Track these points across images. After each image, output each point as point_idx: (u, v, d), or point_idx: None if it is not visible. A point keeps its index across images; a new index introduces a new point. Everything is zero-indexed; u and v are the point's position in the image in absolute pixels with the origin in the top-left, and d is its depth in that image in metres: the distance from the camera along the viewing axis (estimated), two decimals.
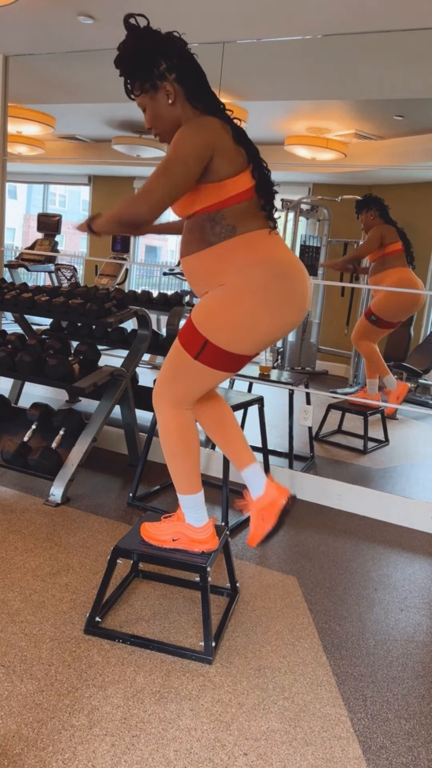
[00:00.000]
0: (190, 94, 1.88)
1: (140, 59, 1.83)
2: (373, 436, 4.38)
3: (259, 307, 1.85)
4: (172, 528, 2.12)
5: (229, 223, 1.86)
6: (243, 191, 1.85)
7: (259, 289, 1.84)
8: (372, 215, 4.12)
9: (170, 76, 1.85)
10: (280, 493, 2.12)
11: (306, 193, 5.28)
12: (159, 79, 1.85)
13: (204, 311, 1.89)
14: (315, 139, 4.49)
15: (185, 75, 1.86)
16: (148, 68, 1.84)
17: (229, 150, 1.82)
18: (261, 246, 1.87)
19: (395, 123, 4.29)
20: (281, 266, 1.87)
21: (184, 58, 1.87)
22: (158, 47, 1.84)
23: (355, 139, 4.43)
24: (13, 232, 8.52)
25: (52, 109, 5.18)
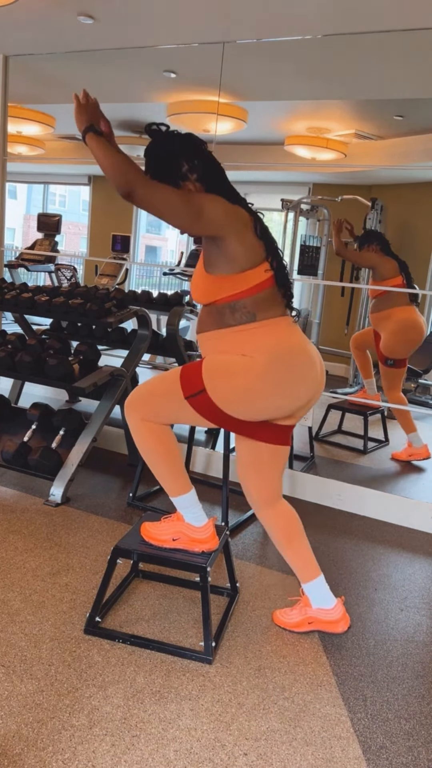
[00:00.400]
0: (211, 190, 1.92)
1: (164, 163, 1.90)
2: (373, 436, 4.38)
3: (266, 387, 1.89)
4: (172, 528, 2.12)
5: (249, 311, 1.90)
6: (263, 281, 1.89)
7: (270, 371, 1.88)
8: (373, 249, 4.11)
9: (192, 176, 1.90)
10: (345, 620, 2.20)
11: (306, 193, 5.28)
12: (181, 179, 1.90)
13: (216, 366, 1.92)
14: (315, 139, 4.49)
15: (206, 173, 1.91)
16: (171, 170, 1.89)
17: (249, 240, 1.87)
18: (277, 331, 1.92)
19: (395, 123, 4.29)
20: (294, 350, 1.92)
21: (203, 157, 1.92)
22: (179, 150, 1.90)
23: (355, 139, 4.43)
24: (13, 232, 8.51)
25: (52, 109, 5.18)
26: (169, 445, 2.05)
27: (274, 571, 2.64)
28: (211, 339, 1.98)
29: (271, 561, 2.73)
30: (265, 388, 1.89)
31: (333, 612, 2.17)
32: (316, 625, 2.19)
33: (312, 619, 2.19)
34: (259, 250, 1.89)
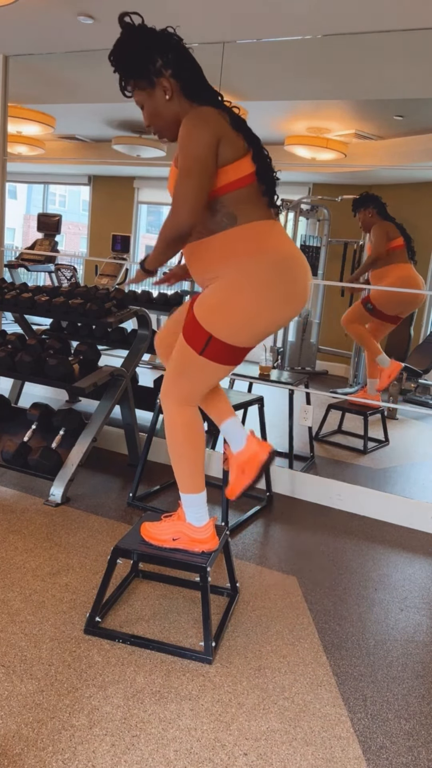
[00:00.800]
0: (186, 88, 1.88)
1: (136, 56, 1.83)
2: (373, 436, 4.38)
3: (259, 302, 1.85)
4: (173, 527, 2.12)
5: (229, 211, 1.85)
6: (242, 177, 1.84)
7: (260, 285, 1.83)
8: (370, 213, 4.11)
9: (166, 72, 1.85)
10: (261, 447, 2.15)
11: (306, 193, 5.28)
12: (155, 75, 1.85)
13: (206, 307, 1.89)
14: (315, 139, 4.49)
15: (181, 70, 1.86)
16: (144, 65, 1.84)
17: (228, 137, 1.82)
18: (263, 238, 1.86)
19: (395, 123, 4.29)
20: (283, 260, 1.86)
21: (180, 53, 1.87)
22: (154, 43, 1.84)
23: (355, 139, 4.43)
24: (13, 232, 8.52)
25: (52, 109, 5.18)
26: (198, 444, 2.03)
27: (274, 571, 2.64)
28: (194, 250, 1.93)
29: (271, 561, 2.73)
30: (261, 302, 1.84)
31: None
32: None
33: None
34: (236, 144, 1.83)
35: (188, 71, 1.88)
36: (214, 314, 1.87)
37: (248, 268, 1.84)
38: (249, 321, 1.86)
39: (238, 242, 1.85)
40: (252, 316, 1.86)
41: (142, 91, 1.90)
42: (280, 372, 4.43)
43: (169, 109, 1.91)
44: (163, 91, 1.88)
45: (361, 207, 4.15)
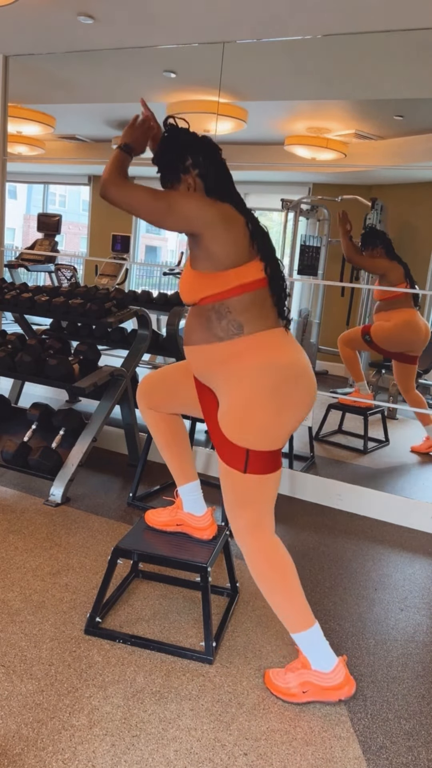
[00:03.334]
0: (210, 190, 1.89)
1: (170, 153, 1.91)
2: (373, 436, 4.38)
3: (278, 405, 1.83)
4: (300, 678, 1.87)
5: (235, 318, 1.83)
6: (248, 282, 1.82)
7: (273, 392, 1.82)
8: (378, 252, 4.10)
9: (193, 171, 1.89)
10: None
11: (306, 193, 5.28)
12: (183, 172, 1.90)
13: (233, 424, 1.85)
14: (315, 139, 4.48)
15: (208, 172, 1.89)
16: (176, 162, 1.89)
17: (232, 238, 1.81)
18: (270, 349, 1.85)
19: (395, 123, 4.29)
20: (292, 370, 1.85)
21: (211, 157, 1.91)
22: (187, 144, 1.90)
23: (355, 139, 4.43)
24: (13, 232, 8.52)
25: (52, 109, 5.18)
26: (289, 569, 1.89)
27: None
28: (200, 355, 1.91)
29: None
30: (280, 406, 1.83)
31: (202, 519, 2.08)
32: (185, 528, 2.10)
33: (181, 521, 2.15)
34: (245, 248, 1.82)
35: (215, 175, 1.90)
36: (241, 428, 1.83)
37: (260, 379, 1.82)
38: (273, 424, 1.84)
39: (244, 352, 1.83)
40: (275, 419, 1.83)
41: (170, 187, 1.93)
42: None
43: None
44: (186, 187, 1.90)
45: (370, 245, 4.13)
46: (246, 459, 1.83)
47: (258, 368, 1.82)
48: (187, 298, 1.92)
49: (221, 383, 1.89)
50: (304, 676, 1.86)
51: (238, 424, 1.83)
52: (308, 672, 1.87)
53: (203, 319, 1.87)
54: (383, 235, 4.19)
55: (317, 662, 1.86)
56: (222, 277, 1.82)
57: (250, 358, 1.83)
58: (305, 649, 1.88)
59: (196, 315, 1.90)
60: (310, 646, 1.87)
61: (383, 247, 4.09)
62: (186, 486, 2.22)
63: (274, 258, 1.89)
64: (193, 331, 1.92)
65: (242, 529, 1.88)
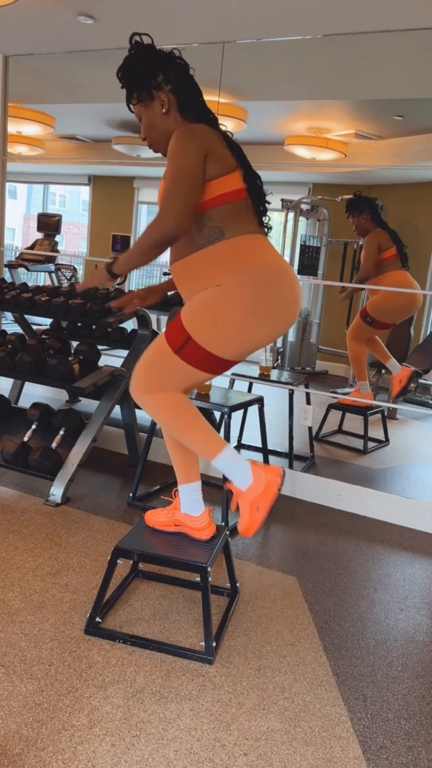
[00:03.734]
0: (183, 105, 1.97)
1: (139, 69, 1.94)
2: (373, 436, 4.38)
3: (246, 315, 1.85)
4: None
5: (216, 225, 1.88)
6: (229, 192, 1.89)
7: (248, 298, 1.84)
8: (364, 219, 4.10)
9: (166, 87, 1.95)
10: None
11: (306, 193, 5.28)
12: (155, 88, 1.95)
13: (192, 309, 1.90)
14: (315, 139, 4.48)
15: (180, 87, 1.96)
16: (146, 78, 1.93)
17: (217, 153, 1.87)
18: (250, 251, 1.89)
19: (395, 123, 4.28)
20: (270, 273, 1.88)
21: (181, 73, 1.97)
22: (157, 60, 1.94)
23: (355, 139, 4.42)
24: (13, 232, 8.51)
25: (52, 109, 5.18)
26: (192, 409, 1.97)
27: (274, 571, 2.64)
28: (183, 267, 1.95)
29: (271, 561, 2.73)
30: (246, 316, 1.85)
31: (199, 519, 2.17)
32: (183, 528, 2.20)
33: (179, 522, 2.21)
34: (224, 160, 1.88)
35: (187, 90, 1.97)
36: (197, 317, 1.88)
37: (236, 280, 1.85)
38: (232, 332, 1.86)
39: (224, 255, 1.88)
40: (236, 328, 1.86)
41: (142, 104, 1.99)
42: (280, 372, 4.44)
43: (165, 122, 1.99)
44: (160, 104, 1.97)
45: (356, 211, 4.14)
46: (183, 343, 1.89)
47: (237, 269, 1.85)
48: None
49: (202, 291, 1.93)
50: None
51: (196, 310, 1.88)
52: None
53: (186, 233, 1.92)
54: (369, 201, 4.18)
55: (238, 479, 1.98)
56: (204, 187, 1.87)
57: (231, 260, 1.87)
58: (227, 471, 1.98)
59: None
60: (231, 466, 1.97)
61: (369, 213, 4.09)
62: (187, 486, 2.22)
63: (252, 169, 1.96)
64: (176, 248, 1.97)
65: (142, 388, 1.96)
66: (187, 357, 1.90)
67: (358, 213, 4.12)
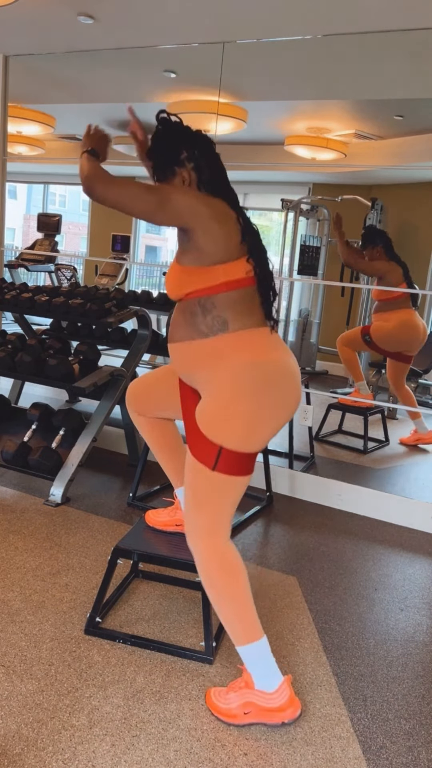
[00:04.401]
0: (204, 183, 1.89)
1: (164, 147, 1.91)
2: (373, 436, 4.38)
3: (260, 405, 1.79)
4: (242, 698, 1.78)
5: (220, 315, 1.80)
6: (236, 280, 1.80)
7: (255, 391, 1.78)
8: (378, 252, 4.12)
9: (189, 164, 1.89)
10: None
11: (306, 193, 5.27)
12: (178, 165, 1.89)
13: (210, 419, 1.80)
14: (315, 139, 4.48)
15: (203, 165, 1.89)
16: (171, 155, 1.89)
17: (224, 233, 1.79)
18: (254, 347, 1.82)
19: (395, 123, 4.28)
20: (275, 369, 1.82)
21: (205, 150, 1.91)
22: (182, 137, 1.91)
23: (355, 139, 4.42)
24: (13, 232, 8.51)
25: (52, 109, 5.18)
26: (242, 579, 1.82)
27: (274, 571, 2.64)
28: (183, 352, 1.89)
29: (271, 561, 2.73)
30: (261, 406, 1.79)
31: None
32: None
33: (180, 522, 2.12)
34: (235, 245, 1.80)
35: (209, 169, 1.90)
36: (218, 423, 1.79)
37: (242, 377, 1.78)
38: (252, 425, 1.79)
39: (227, 349, 1.80)
40: (254, 420, 1.79)
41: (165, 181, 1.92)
42: None
43: None
44: (181, 181, 1.90)
45: (370, 244, 4.15)
46: (217, 456, 1.77)
47: (241, 366, 1.79)
48: (172, 292, 1.90)
49: (203, 381, 1.86)
50: (246, 696, 1.77)
51: (215, 419, 1.79)
52: (251, 692, 1.77)
53: (188, 315, 1.85)
54: (383, 234, 4.20)
55: (261, 680, 1.77)
56: (209, 272, 1.79)
57: (234, 356, 1.79)
58: (250, 664, 1.79)
59: (181, 311, 1.88)
60: (256, 661, 1.79)
61: (383, 246, 4.10)
62: (182, 488, 2.22)
63: (264, 258, 1.87)
64: (177, 328, 1.89)
65: (196, 532, 1.82)
66: (225, 468, 1.79)
67: (372, 246, 4.14)
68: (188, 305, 1.84)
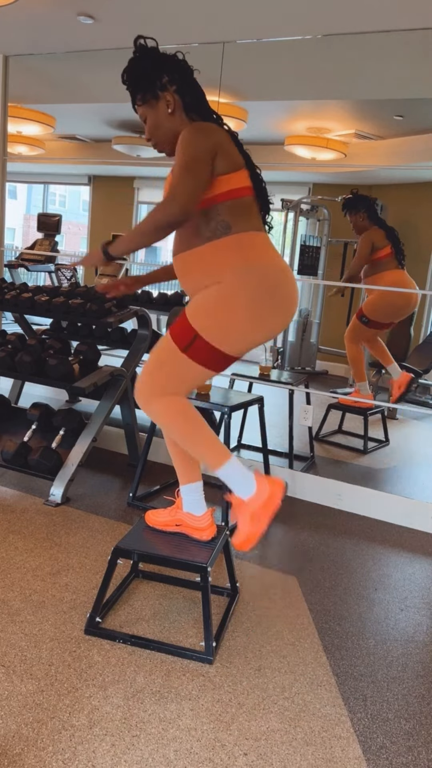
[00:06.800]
0: (188, 105, 2.00)
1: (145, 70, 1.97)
2: (373, 436, 4.38)
3: (251, 309, 1.88)
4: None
5: (224, 219, 1.90)
6: (237, 188, 1.92)
7: (252, 293, 1.87)
8: (361, 217, 4.10)
9: (171, 87, 1.98)
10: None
11: (306, 193, 5.28)
12: (160, 89, 1.97)
13: (198, 307, 1.91)
14: (315, 139, 4.48)
15: (185, 88, 1.99)
16: (152, 79, 1.96)
17: (225, 149, 1.90)
18: (255, 249, 1.92)
19: (395, 123, 4.28)
20: (273, 272, 1.91)
21: (185, 74, 2.00)
22: (162, 61, 1.97)
23: (355, 139, 4.43)
24: (13, 232, 8.51)
25: (52, 109, 5.18)
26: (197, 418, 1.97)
27: (274, 571, 2.64)
28: (186, 260, 1.97)
29: (271, 561, 2.73)
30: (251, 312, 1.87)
31: (201, 520, 2.18)
32: (184, 528, 2.21)
33: (180, 521, 2.22)
34: (233, 158, 1.91)
35: (191, 91, 2.00)
36: (205, 314, 1.89)
37: (240, 278, 1.88)
38: (238, 327, 1.89)
39: (229, 250, 1.90)
40: (242, 323, 1.88)
41: (147, 104, 2.01)
42: (280, 372, 4.44)
43: (170, 122, 2.02)
44: (165, 105, 1.99)
45: (352, 210, 4.14)
46: (191, 341, 1.89)
47: (241, 266, 1.88)
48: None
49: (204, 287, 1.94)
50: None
51: (203, 308, 1.89)
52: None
53: (193, 226, 1.94)
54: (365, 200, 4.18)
55: (241, 489, 1.97)
56: (214, 182, 1.90)
57: (234, 256, 1.89)
58: (228, 480, 1.97)
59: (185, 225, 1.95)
60: (233, 476, 1.97)
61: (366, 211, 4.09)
62: (188, 486, 2.22)
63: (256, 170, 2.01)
64: (182, 239, 1.98)
65: (147, 392, 1.97)
66: (194, 355, 1.91)
67: (355, 212, 4.12)
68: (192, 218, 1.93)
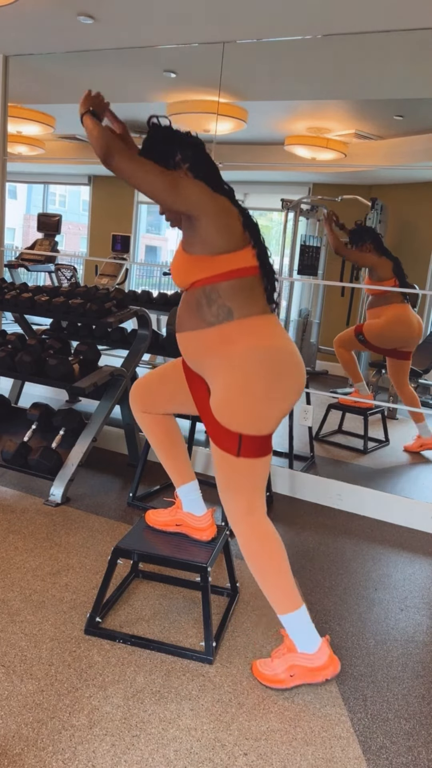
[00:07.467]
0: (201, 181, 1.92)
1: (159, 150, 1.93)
2: (373, 436, 4.38)
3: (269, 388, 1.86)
4: (285, 663, 1.91)
5: (224, 303, 1.86)
6: (238, 269, 1.86)
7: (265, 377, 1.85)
8: (368, 248, 4.11)
9: (184, 165, 1.94)
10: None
11: (306, 193, 5.27)
12: (173, 167, 1.93)
13: (225, 409, 1.87)
14: (315, 139, 4.48)
15: (198, 165, 1.94)
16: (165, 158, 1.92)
17: (228, 224, 1.86)
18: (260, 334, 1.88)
19: (395, 123, 4.29)
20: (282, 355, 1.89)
21: (198, 151, 1.96)
22: (175, 139, 1.94)
23: (355, 139, 4.43)
24: (13, 232, 8.51)
25: (52, 109, 5.18)
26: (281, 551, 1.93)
27: None
28: (191, 341, 1.95)
29: None
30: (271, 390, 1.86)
31: (201, 520, 2.15)
32: (184, 528, 2.16)
33: (180, 521, 2.20)
34: (239, 236, 1.87)
35: (204, 168, 1.95)
36: (234, 413, 1.86)
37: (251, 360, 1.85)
38: (266, 408, 1.87)
39: (233, 336, 1.87)
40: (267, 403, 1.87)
41: None
42: None
43: None
44: None
45: (359, 241, 4.14)
46: (239, 443, 1.87)
47: (249, 353, 1.86)
48: (179, 280, 1.96)
49: (212, 370, 1.93)
50: (290, 659, 1.90)
51: (231, 409, 1.87)
52: (294, 655, 1.90)
53: (194, 305, 1.91)
54: (371, 231, 4.18)
55: (303, 644, 1.90)
56: (214, 261, 1.86)
57: (241, 343, 1.86)
58: (292, 630, 1.91)
59: (187, 302, 1.95)
60: (297, 628, 1.91)
61: (372, 242, 4.09)
62: (183, 487, 2.22)
63: (265, 250, 1.94)
64: (184, 318, 1.97)
65: (236, 514, 1.92)
66: (247, 452, 1.87)
67: (361, 243, 4.12)
68: (193, 295, 1.91)
